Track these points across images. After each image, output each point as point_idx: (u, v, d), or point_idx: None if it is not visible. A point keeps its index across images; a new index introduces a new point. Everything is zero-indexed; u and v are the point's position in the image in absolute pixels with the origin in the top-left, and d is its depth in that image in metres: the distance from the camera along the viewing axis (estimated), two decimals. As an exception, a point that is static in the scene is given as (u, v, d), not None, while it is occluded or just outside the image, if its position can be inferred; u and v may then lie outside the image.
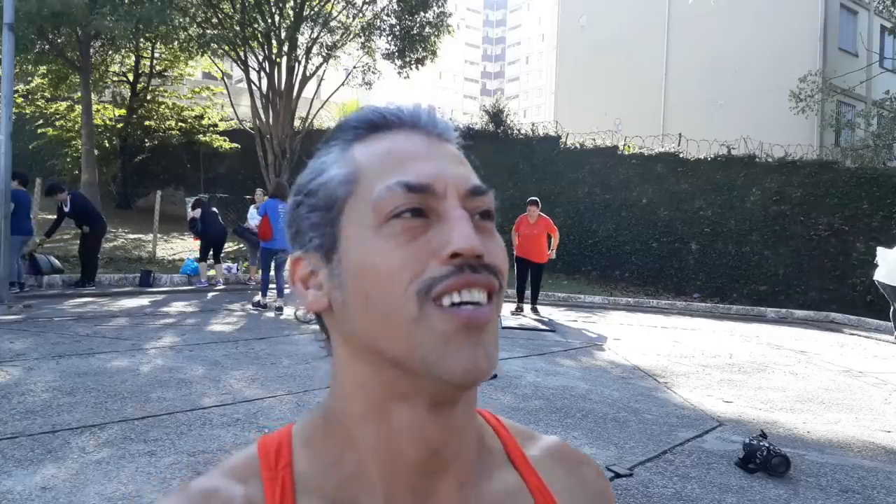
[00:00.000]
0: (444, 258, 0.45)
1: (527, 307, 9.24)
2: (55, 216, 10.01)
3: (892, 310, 9.18)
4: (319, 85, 15.90)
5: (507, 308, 9.49)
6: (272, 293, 8.87)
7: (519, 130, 15.91)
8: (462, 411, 0.51)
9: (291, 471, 0.51)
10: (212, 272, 10.89)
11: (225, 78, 16.80)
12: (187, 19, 13.90)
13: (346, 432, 0.51)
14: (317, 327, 0.56)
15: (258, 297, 8.69)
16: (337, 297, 0.49)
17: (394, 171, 0.48)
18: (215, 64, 16.16)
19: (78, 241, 10.10)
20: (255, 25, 14.55)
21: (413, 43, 14.90)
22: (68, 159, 18.01)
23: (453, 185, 0.48)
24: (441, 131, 0.53)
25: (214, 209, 10.89)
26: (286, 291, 8.78)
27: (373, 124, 0.52)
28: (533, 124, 16.20)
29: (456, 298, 0.45)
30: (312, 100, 15.71)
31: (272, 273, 8.94)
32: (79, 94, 16.29)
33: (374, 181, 0.48)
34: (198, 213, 10.44)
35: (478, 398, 0.54)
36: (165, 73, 18.62)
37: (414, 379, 0.47)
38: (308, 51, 15.08)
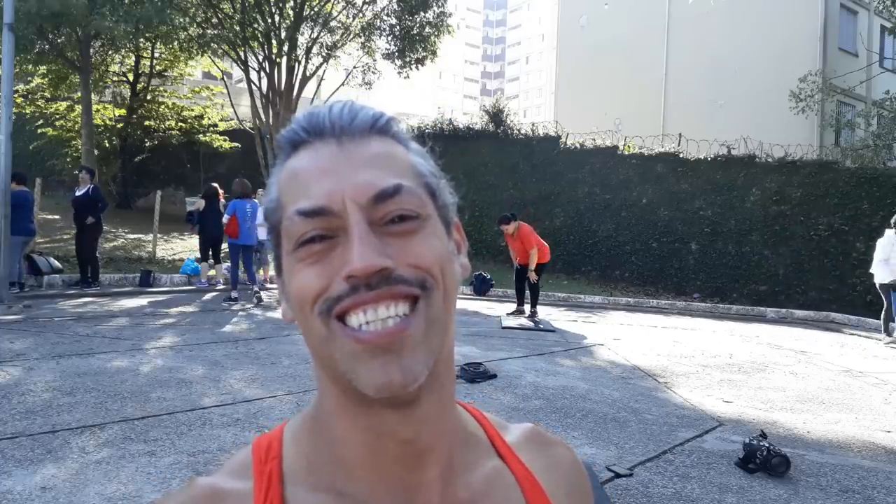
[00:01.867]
0: (342, 278, 0.46)
1: (527, 308, 9.22)
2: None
3: (884, 308, 9.14)
4: (319, 85, 15.91)
5: (506, 308, 9.49)
6: (273, 291, 8.87)
7: (519, 130, 15.90)
8: (427, 403, 0.50)
9: (280, 463, 0.53)
10: (212, 272, 10.88)
11: (225, 78, 16.82)
12: (187, 19, 13.90)
13: (327, 428, 0.53)
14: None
15: (234, 293, 9.16)
16: (288, 313, 0.52)
17: (297, 197, 0.49)
18: (215, 64, 16.17)
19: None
20: (255, 25, 14.55)
21: (413, 43, 14.90)
22: (68, 159, 18.00)
23: (351, 197, 0.47)
24: (354, 133, 0.51)
25: (221, 207, 10.53)
26: (258, 279, 9.87)
27: (292, 142, 0.53)
28: (533, 124, 16.19)
29: (363, 318, 0.46)
30: (312, 100, 15.72)
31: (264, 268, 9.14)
32: (79, 94, 16.29)
33: (286, 208, 0.50)
34: (202, 205, 10.07)
35: (455, 391, 0.56)
36: (165, 73, 18.61)
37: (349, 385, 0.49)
38: (308, 51, 15.08)
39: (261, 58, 14.98)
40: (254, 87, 15.06)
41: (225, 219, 9.31)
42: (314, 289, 0.47)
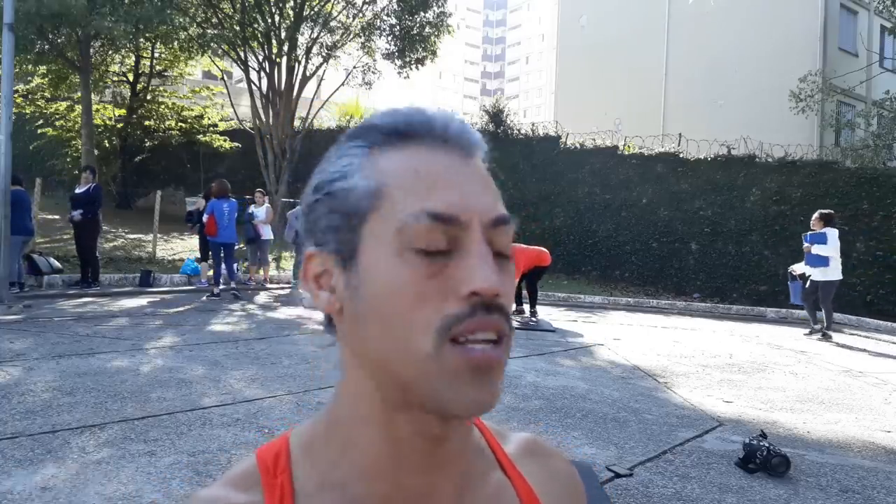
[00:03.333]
0: (462, 296, 0.45)
1: (527, 308, 9.23)
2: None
3: (809, 301, 9.05)
4: (319, 85, 15.91)
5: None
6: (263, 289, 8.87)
7: (519, 130, 15.91)
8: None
9: (290, 476, 0.52)
10: (211, 272, 10.88)
11: (225, 78, 16.81)
12: (187, 19, 13.90)
13: (347, 435, 0.52)
14: (316, 323, 0.57)
15: (216, 289, 9.52)
16: (351, 307, 0.49)
17: (421, 196, 0.47)
18: (215, 64, 16.18)
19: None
20: (255, 25, 14.55)
21: (413, 43, 14.90)
22: (68, 159, 18.01)
23: (478, 216, 0.47)
24: (470, 148, 0.51)
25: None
26: (238, 276, 10.38)
27: (400, 132, 0.50)
28: (533, 124, 16.20)
29: (470, 337, 0.45)
30: (312, 100, 15.72)
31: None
32: (79, 94, 16.30)
33: (398, 202, 0.47)
34: (202, 205, 10.08)
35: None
36: (165, 73, 18.62)
37: (418, 401, 0.48)
38: (308, 51, 15.08)
39: (261, 58, 14.98)
40: (254, 87, 15.06)
41: (204, 218, 9.56)
42: (433, 304, 0.45)
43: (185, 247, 13.53)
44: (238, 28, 14.38)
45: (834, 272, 8.60)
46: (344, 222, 0.49)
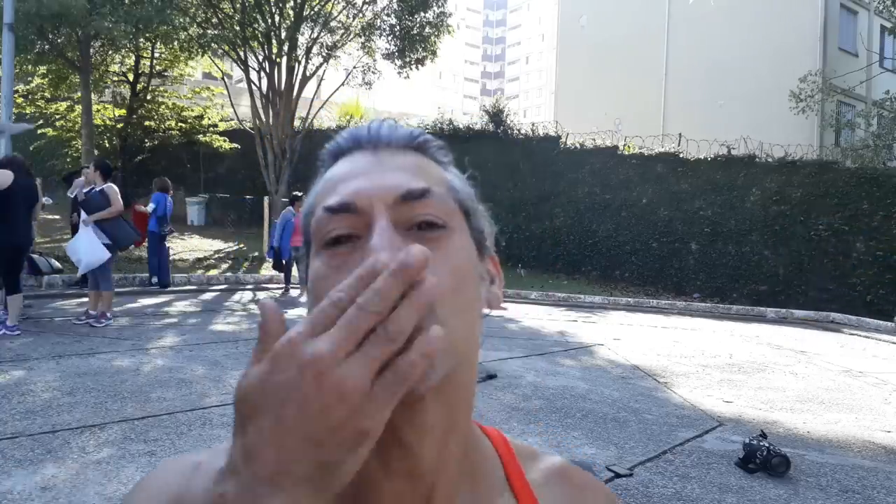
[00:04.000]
0: None
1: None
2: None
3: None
4: (319, 85, 15.89)
5: (507, 308, 9.48)
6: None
7: (519, 130, 15.91)
8: (433, 410, 0.46)
9: None
10: (213, 272, 10.87)
11: (225, 78, 16.79)
12: (187, 19, 13.89)
13: None
14: None
15: (154, 279, 10.07)
16: None
17: (326, 197, 0.49)
18: (215, 64, 16.16)
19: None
20: (255, 25, 14.54)
21: (413, 43, 14.89)
22: (68, 159, 17.99)
23: (379, 196, 0.46)
24: (393, 143, 0.52)
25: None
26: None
27: (334, 153, 0.54)
28: (533, 124, 16.20)
29: None
30: (312, 100, 15.70)
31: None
32: (79, 94, 16.29)
33: (317, 209, 0.50)
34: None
35: (474, 405, 0.52)
36: (165, 73, 18.60)
37: None
38: (308, 51, 15.07)
39: (261, 58, 14.97)
40: (254, 87, 15.05)
41: (150, 207, 9.89)
42: None
43: (185, 247, 13.53)
44: (238, 28, 14.37)
45: None
46: (308, 240, 0.52)
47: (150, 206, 9.77)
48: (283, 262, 10.38)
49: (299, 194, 10.27)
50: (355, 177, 0.49)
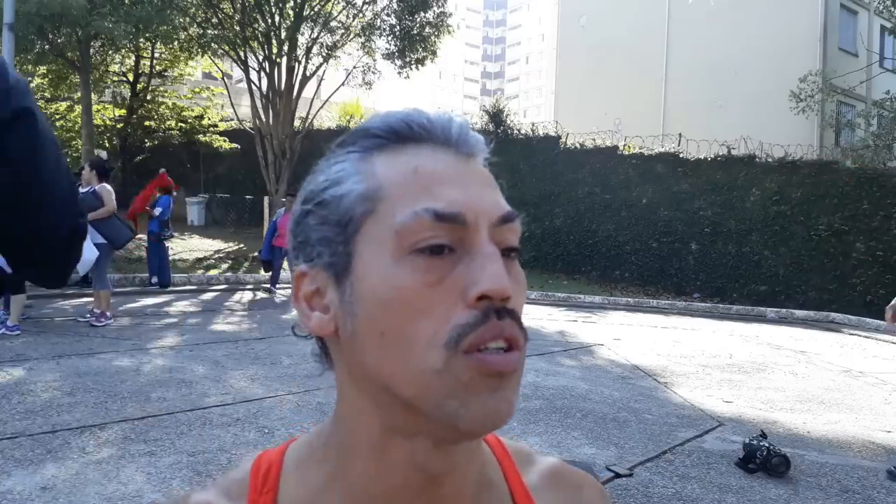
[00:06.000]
0: (470, 301, 0.41)
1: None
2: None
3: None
4: (319, 85, 15.89)
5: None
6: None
7: (519, 130, 15.90)
8: (465, 447, 0.47)
9: (274, 497, 0.50)
10: (214, 271, 10.85)
11: (225, 78, 16.79)
12: (187, 19, 13.90)
13: (339, 461, 0.49)
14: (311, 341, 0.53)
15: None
16: (346, 325, 0.45)
17: (421, 195, 0.43)
18: (215, 64, 16.15)
19: None
20: (255, 26, 14.55)
21: (413, 43, 14.88)
22: (68, 159, 17.98)
23: (484, 214, 0.44)
24: (471, 149, 0.48)
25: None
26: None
27: (397, 134, 0.47)
28: (533, 124, 16.19)
29: (482, 347, 0.42)
30: (312, 100, 15.70)
31: None
32: (79, 94, 16.28)
33: (398, 203, 0.44)
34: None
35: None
36: (165, 73, 18.61)
37: (423, 420, 0.43)
38: (308, 51, 15.07)
39: (261, 58, 14.96)
40: (254, 87, 15.06)
41: (157, 211, 9.58)
42: (438, 313, 0.42)
43: (185, 247, 13.52)
44: (238, 28, 14.37)
45: None
46: (337, 232, 0.45)
47: (157, 210, 9.53)
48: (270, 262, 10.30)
49: (290, 191, 10.21)
50: (451, 183, 0.45)
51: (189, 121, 18.60)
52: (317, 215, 0.47)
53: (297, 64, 15.05)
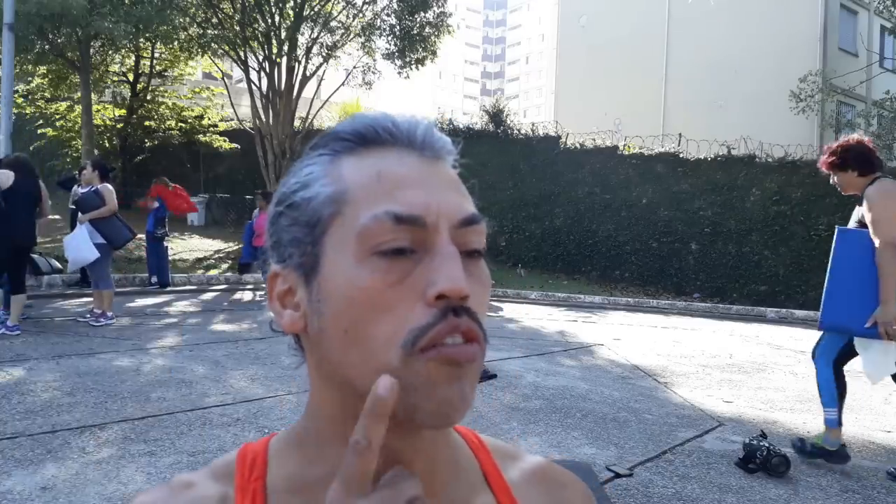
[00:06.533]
0: (429, 300, 0.43)
1: None
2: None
3: None
4: (319, 85, 15.89)
5: (504, 307, 9.50)
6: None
7: (519, 130, 15.91)
8: (427, 433, 0.48)
9: (263, 484, 0.51)
10: (213, 271, 10.87)
11: (225, 78, 16.79)
12: (187, 19, 13.90)
13: (315, 447, 0.51)
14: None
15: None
16: (314, 322, 0.47)
17: (383, 198, 0.45)
18: (215, 64, 16.15)
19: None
20: (255, 26, 14.55)
21: (413, 43, 14.88)
22: (68, 159, 17.99)
23: (445, 216, 0.45)
24: (437, 152, 0.49)
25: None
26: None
27: (364, 138, 0.49)
28: (533, 124, 16.20)
29: (438, 342, 0.43)
30: (312, 100, 15.70)
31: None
32: (79, 94, 16.28)
33: (361, 206, 0.45)
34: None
35: (476, 397, 0.52)
36: (165, 73, 18.60)
37: None
38: (308, 51, 15.07)
39: (261, 58, 14.96)
40: (254, 87, 15.06)
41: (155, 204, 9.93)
42: (396, 313, 0.43)
43: (185, 247, 13.53)
44: (238, 28, 14.38)
45: None
46: (306, 233, 0.47)
47: (156, 204, 9.83)
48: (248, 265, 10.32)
49: (264, 192, 10.22)
50: (414, 186, 0.46)
51: (189, 121, 18.60)
52: (288, 217, 0.49)
53: (297, 64, 15.05)
